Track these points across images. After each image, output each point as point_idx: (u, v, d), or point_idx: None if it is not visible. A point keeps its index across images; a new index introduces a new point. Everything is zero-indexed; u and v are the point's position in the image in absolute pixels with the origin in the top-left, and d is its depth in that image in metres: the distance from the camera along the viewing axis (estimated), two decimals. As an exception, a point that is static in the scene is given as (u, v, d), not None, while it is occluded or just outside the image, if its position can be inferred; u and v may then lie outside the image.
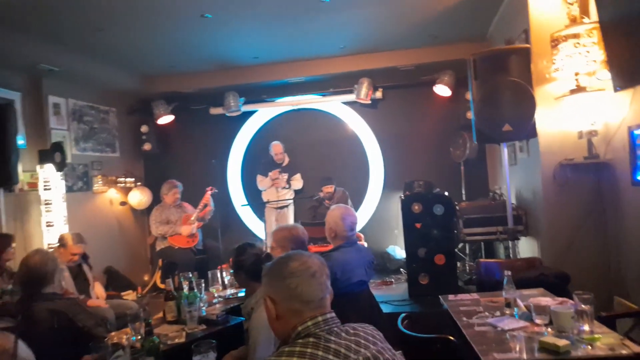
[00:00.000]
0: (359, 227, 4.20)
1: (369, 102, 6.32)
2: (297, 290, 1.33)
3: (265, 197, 6.25)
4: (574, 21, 3.40)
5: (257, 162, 6.50)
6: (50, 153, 4.85)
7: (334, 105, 6.62)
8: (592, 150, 3.54)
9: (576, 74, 3.40)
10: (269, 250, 2.97)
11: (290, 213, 6.25)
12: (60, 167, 4.89)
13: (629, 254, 3.33)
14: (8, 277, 3.66)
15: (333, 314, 1.36)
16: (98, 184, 5.89)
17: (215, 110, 6.69)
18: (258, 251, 2.53)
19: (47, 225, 4.82)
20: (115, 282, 5.59)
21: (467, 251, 5.41)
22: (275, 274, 1.38)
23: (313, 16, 4.59)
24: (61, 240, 4.01)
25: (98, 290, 4.23)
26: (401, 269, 5.46)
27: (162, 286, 5.52)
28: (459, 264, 4.99)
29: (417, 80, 6.19)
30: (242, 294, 3.52)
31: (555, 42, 3.43)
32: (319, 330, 1.30)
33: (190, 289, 2.99)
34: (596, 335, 1.99)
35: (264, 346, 2.12)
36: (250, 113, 6.80)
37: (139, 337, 2.51)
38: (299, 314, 1.32)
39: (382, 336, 1.42)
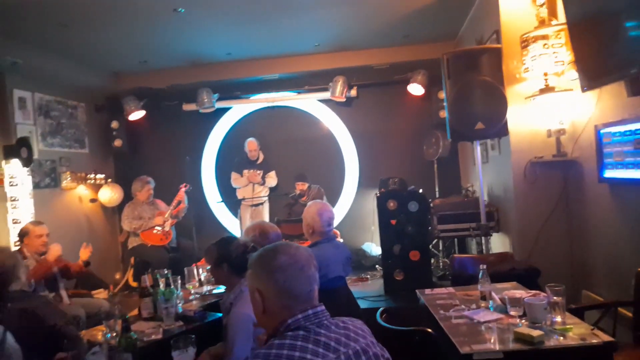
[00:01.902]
0: (334, 224, 4.22)
1: (344, 100, 6.35)
2: (285, 285, 1.30)
3: (240, 194, 6.20)
4: (542, 23, 3.50)
5: (231, 159, 6.44)
6: (16, 148, 4.69)
7: (309, 102, 6.62)
8: (561, 149, 3.66)
9: (545, 75, 3.50)
10: None
11: (265, 210, 6.23)
12: (26, 162, 4.74)
13: (594, 248, 3.46)
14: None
15: (323, 307, 1.33)
16: (66, 181, 5.72)
17: (188, 107, 6.58)
18: (244, 243, 2.43)
19: (14, 223, 4.66)
20: (86, 280, 5.41)
21: (441, 247, 5.50)
22: (263, 267, 1.34)
23: (286, 13, 4.59)
24: (21, 232, 3.86)
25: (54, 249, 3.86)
26: (377, 266, 5.51)
27: (134, 284, 5.41)
28: (432, 260, 5.08)
29: (391, 79, 6.26)
30: (218, 291, 3.50)
31: (525, 43, 3.53)
32: (309, 323, 1.28)
33: (167, 285, 2.94)
34: (568, 326, 2.06)
35: (243, 342, 2.09)
36: (225, 110, 6.72)
37: (114, 334, 2.46)
38: (289, 308, 1.29)
39: (369, 331, 1.42)
